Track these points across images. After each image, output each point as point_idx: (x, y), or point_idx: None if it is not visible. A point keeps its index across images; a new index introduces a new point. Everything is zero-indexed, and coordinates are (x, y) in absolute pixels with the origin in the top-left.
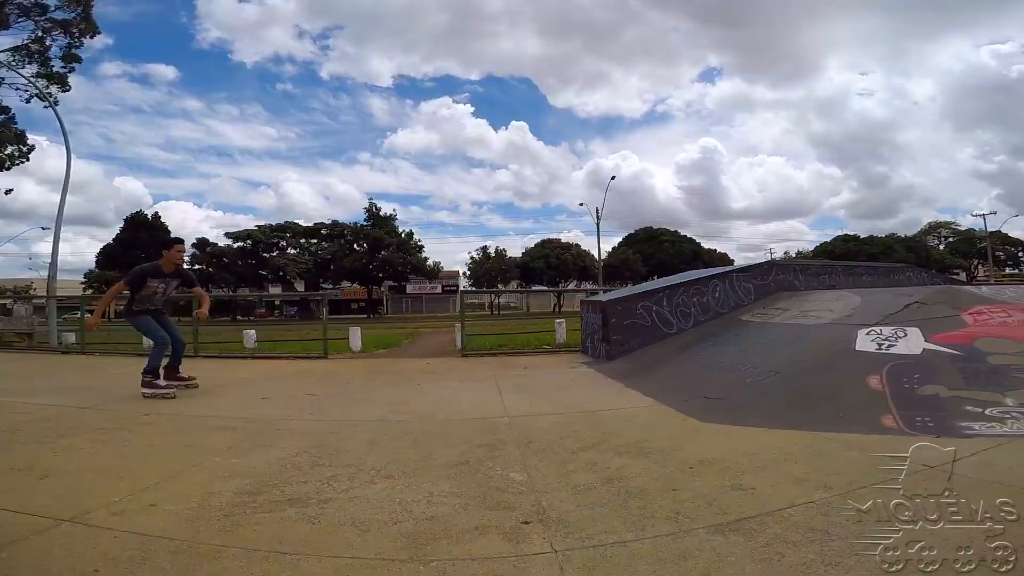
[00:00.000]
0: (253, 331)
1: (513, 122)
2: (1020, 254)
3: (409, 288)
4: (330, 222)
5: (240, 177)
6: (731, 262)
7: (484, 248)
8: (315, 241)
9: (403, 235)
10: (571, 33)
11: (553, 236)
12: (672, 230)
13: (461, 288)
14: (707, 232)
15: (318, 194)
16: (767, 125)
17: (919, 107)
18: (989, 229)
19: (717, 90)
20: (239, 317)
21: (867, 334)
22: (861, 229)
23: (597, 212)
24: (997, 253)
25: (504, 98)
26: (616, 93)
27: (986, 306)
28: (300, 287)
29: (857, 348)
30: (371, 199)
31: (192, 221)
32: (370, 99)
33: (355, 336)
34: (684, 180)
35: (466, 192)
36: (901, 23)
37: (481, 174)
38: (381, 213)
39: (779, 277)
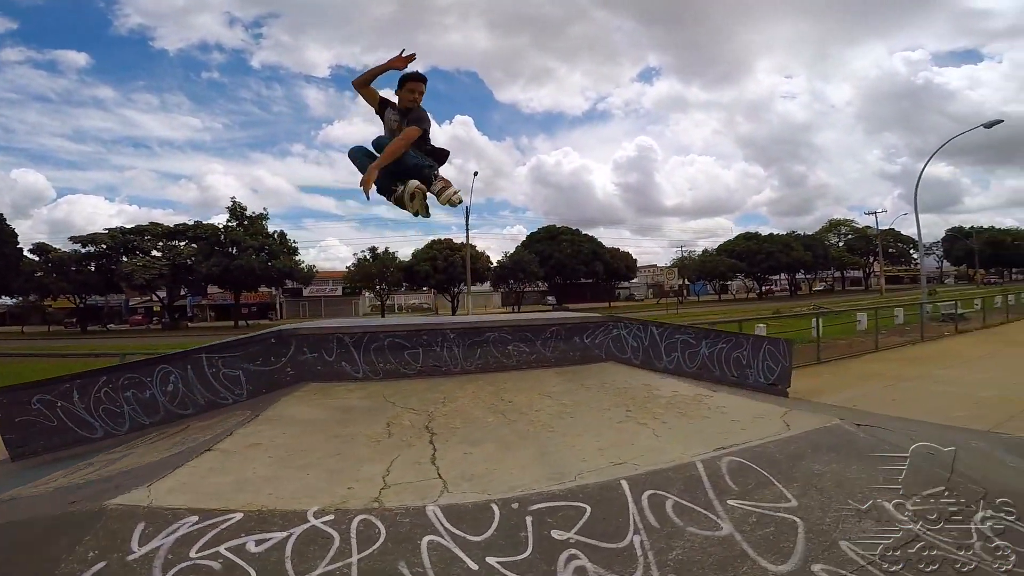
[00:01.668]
0: None
1: (458, 116)
2: (911, 251)
3: (306, 291)
4: (192, 223)
5: (159, 170)
6: (634, 262)
7: (373, 249)
8: (183, 244)
9: (275, 237)
10: (521, 28)
11: (445, 236)
12: (574, 229)
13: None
14: (641, 228)
15: (246, 187)
16: (699, 125)
17: (836, 110)
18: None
19: (655, 90)
20: (110, 326)
21: None
22: (781, 226)
23: (467, 211)
24: (890, 250)
25: (450, 92)
26: (560, 89)
27: None
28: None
29: None
30: (233, 198)
31: (102, 216)
32: (306, 89)
33: None
34: (621, 177)
35: None
36: (828, 28)
37: (425, 168)
38: (248, 213)
39: (304, 357)
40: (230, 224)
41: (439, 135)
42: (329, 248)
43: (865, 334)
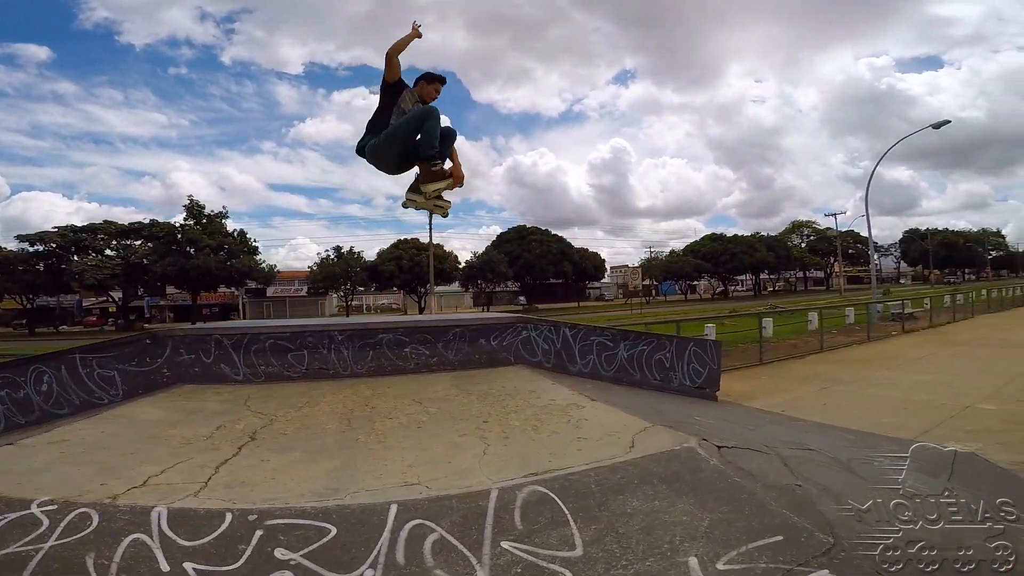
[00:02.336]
0: None
1: None
2: (867, 250)
3: (271, 291)
4: (148, 221)
5: (121, 167)
6: (602, 262)
7: (338, 248)
8: (138, 243)
9: (234, 236)
10: (500, 28)
11: (411, 236)
12: (543, 229)
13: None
14: (614, 229)
15: (212, 184)
16: (672, 128)
17: (803, 114)
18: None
19: (630, 92)
20: (62, 327)
21: None
22: (749, 228)
23: (430, 218)
24: (850, 251)
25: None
26: (538, 90)
27: None
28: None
29: None
30: (190, 196)
31: (60, 214)
32: (277, 86)
33: None
34: (595, 179)
35: (381, 186)
36: (798, 33)
37: None
38: (205, 211)
39: (181, 358)
40: (187, 223)
41: None
42: (300, 247)
43: (814, 334)
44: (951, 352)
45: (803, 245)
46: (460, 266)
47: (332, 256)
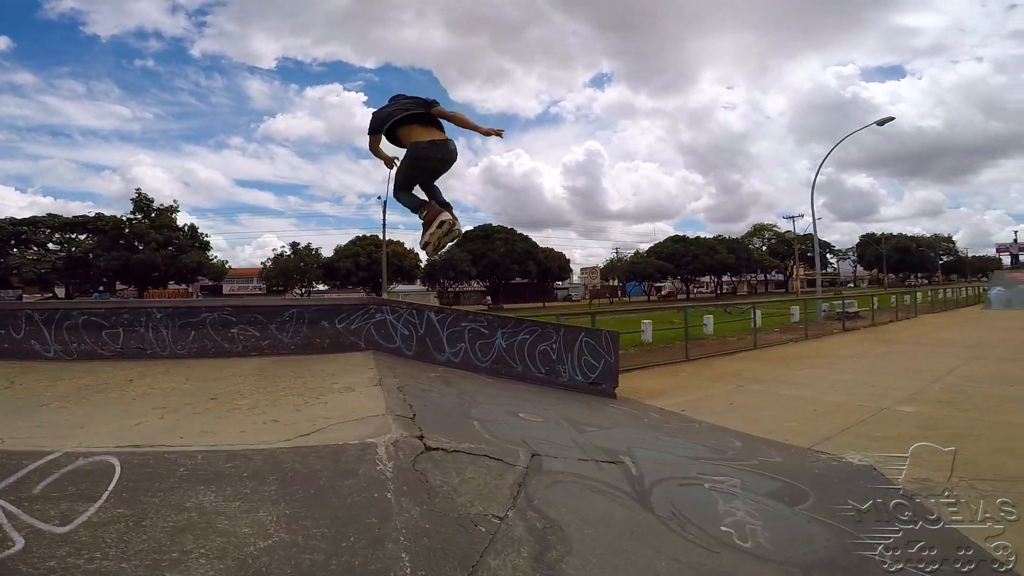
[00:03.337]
0: None
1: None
2: (828, 255)
3: (228, 288)
4: (94, 215)
5: (79, 160)
6: (567, 262)
7: (294, 244)
8: (83, 237)
9: (184, 230)
10: (480, 28)
11: (370, 233)
12: (509, 228)
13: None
14: (587, 230)
15: (176, 180)
16: (644, 132)
17: (771, 121)
18: (815, 234)
19: (605, 96)
20: None
21: None
22: (716, 232)
23: (384, 203)
24: (808, 254)
25: (401, 88)
26: (516, 91)
27: None
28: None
29: None
30: (139, 190)
31: (12, 208)
32: (248, 81)
33: None
34: (570, 181)
35: (353, 183)
36: (770, 42)
37: (370, 165)
38: (154, 205)
39: None
40: (133, 216)
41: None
42: (267, 245)
43: (755, 331)
44: (884, 351)
45: (764, 248)
46: (422, 264)
47: (288, 252)
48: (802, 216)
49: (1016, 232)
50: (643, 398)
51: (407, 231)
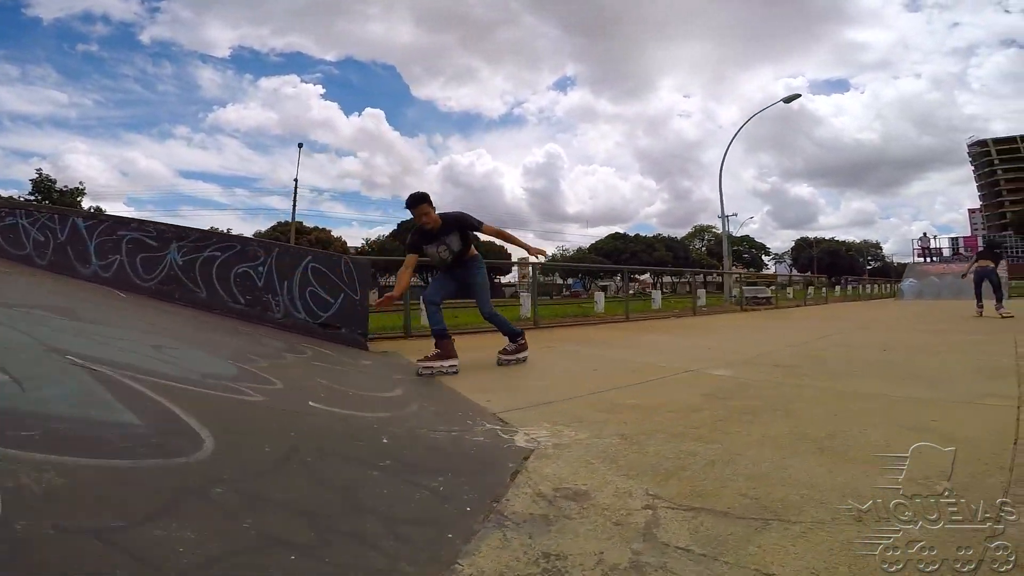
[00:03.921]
0: None
1: (368, 108)
2: (762, 256)
3: None
4: None
5: (6, 146)
6: (508, 256)
7: (212, 229)
8: None
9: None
10: (449, 26)
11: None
12: None
13: None
14: (544, 232)
15: (113, 168)
16: (604, 137)
17: (723, 130)
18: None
19: (568, 99)
20: None
21: None
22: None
23: (295, 187)
24: (744, 255)
25: (362, 83)
26: (481, 91)
27: None
28: None
29: None
30: (39, 170)
31: None
32: (200, 70)
33: None
34: (529, 182)
35: (305, 177)
36: (727, 52)
37: (324, 159)
38: (58, 186)
39: None
40: (34, 197)
41: (344, 126)
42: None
43: (654, 312)
44: (765, 323)
45: (703, 249)
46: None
47: None
48: (735, 215)
49: (925, 232)
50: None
51: (374, 230)
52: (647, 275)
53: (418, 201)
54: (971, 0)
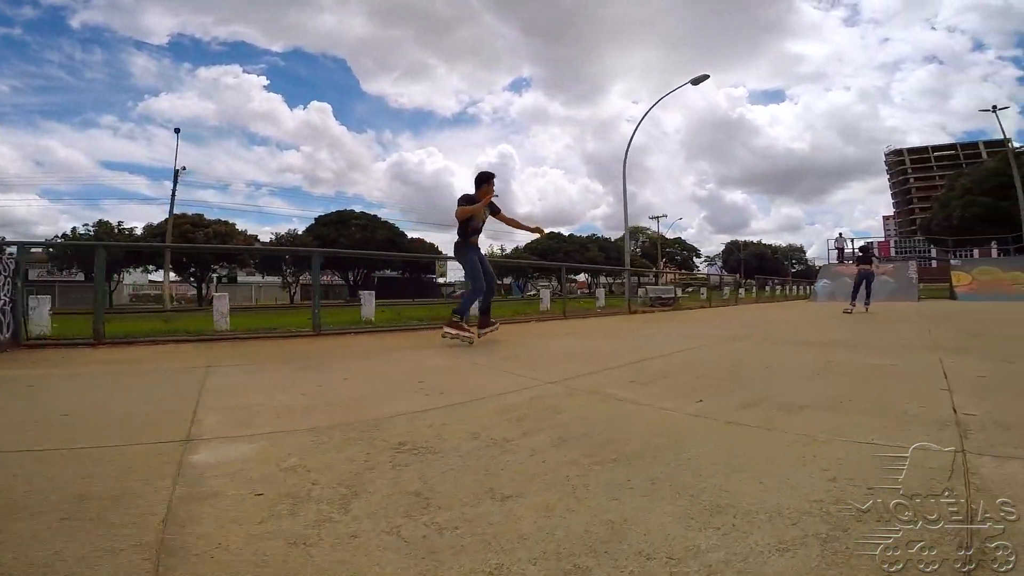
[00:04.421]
0: None
1: (314, 102)
2: (693, 258)
3: (33, 274)
4: None
5: None
6: (432, 247)
7: (101, 222)
8: None
9: None
10: (405, 20)
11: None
12: (371, 214)
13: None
14: (494, 233)
15: (26, 158)
16: (555, 140)
17: (667, 137)
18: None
19: (523, 100)
20: None
21: None
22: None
23: (175, 174)
24: (676, 257)
25: (310, 75)
26: (435, 89)
27: None
28: None
29: None
30: None
31: None
32: (134, 56)
33: None
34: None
35: (242, 171)
36: (676, 60)
37: (264, 153)
38: None
39: None
40: None
41: (288, 119)
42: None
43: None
44: (635, 328)
45: (638, 251)
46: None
47: (90, 231)
48: (665, 216)
49: (841, 233)
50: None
51: (280, 220)
52: (582, 276)
53: (491, 177)
54: (903, 16)
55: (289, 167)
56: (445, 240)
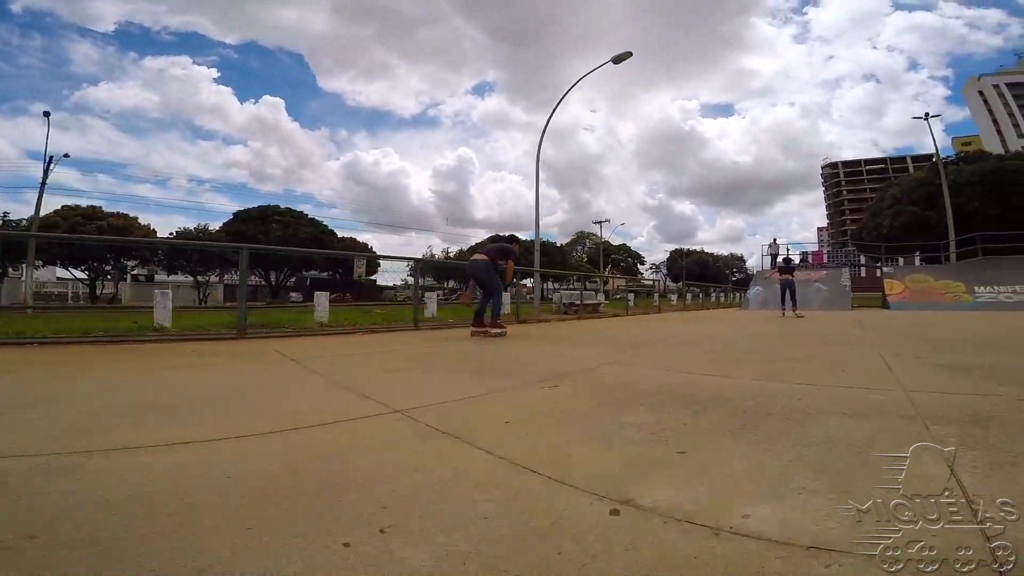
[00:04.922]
0: None
1: (267, 97)
2: (638, 264)
3: None
4: None
5: None
6: (364, 247)
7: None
8: None
9: None
10: (369, 18)
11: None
12: (297, 211)
13: None
14: (450, 236)
15: None
16: (514, 145)
17: (621, 146)
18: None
19: (485, 105)
20: None
21: None
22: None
23: (48, 164)
24: (620, 264)
25: (263, 69)
26: (394, 88)
27: None
28: None
29: None
30: None
31: None
32: (76, 44)
33: None
34: (438, 185)
35: (185, 165)
36: (635, 71)
37: (209, 147)
38: None
39: None
40: None
41: (237, 113)
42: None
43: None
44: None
45: (584, 257)
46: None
47: None
48: (608, 221)
49: (776, 238)
50: None
51: (219, 216)
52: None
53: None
54: (848, 35)
55: (236, 162)
56: (390, 243)
